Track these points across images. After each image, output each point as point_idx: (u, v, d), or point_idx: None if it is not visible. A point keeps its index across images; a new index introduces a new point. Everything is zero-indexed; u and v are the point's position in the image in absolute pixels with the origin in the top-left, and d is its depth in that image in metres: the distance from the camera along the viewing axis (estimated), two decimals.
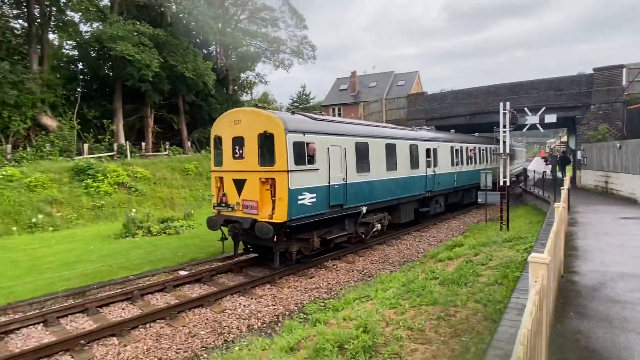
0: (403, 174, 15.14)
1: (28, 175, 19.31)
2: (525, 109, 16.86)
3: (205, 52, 38.26)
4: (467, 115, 26.54)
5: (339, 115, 49.02)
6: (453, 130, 25.21)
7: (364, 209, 12.67)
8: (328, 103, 52.44)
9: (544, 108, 17.02)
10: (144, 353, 7.02)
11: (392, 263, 12.83)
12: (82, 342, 7.09)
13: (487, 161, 25.22)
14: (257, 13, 40.40)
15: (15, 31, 27.66)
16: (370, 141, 13.21)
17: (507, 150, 14.96)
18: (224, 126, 11.51)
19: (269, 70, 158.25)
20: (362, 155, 12.74)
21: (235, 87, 43.78)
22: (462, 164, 21.21)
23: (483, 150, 24.92)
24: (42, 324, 7.99)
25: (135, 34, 26.23)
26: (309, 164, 10.42)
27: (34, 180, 19.02)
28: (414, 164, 16.15)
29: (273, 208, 10.09)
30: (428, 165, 17.19)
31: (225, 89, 39.87)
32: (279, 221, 9.85)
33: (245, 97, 46.37)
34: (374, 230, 13.97)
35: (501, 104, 14.80)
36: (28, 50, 26.51)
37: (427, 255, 13.04)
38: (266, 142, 10.27)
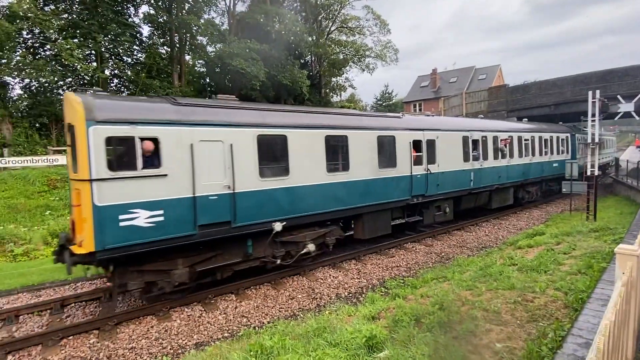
0: (363, 175, 10.12)
1: None
2: (618, 96, 14.30)
3: (302, 61, 39.42)
4: (551, 105, 23.40)
5: (420, 110, 46.86)
6: (521, 118, 21.31)
7: (278, 226, 8.30)
8: (409, 100, 50.46)
9: None
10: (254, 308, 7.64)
11: (469, 248, 12.02)
12: None
13: (552, 152, 19.13)
14: (345, 23, 40.35)
15: (162, 55, 31.51)
16: (292, 133, 8.68)
17: (596, 140, 12.87)
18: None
19: (356, 74, 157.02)
20: (272, 153, 8.54)
21: (327, 90, 44.44)
22: (484, 158, 14.56)
23: (546, 139, 18.70)
24: None
25: (247, 50, 28.11)
26: (145, 168, 6.62)
27: None
28: (387, 162, 10.86)
29: (81, 232, 6.36)
30: (417, 163, 11.80)
31: (318, 93, 40.74)
32: (84, 252, 6.20)
33: (335, 99, 46.82)
34: (306, 252, 9.23)
35: (590, 93, 12.76)
36: (171, 69, 30.10)
37: (505, 242, 11.94)
38: (73, 139, 6.58)
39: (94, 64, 25.26)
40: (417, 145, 11.85)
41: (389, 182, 10.86)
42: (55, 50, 21.79)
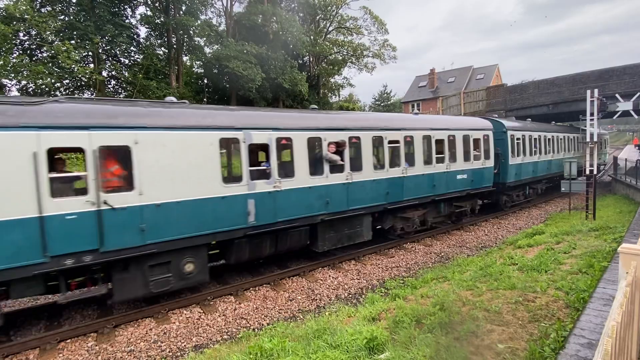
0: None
1: None
2: (617, 95, 14.32)
3: (300, 62, 39.40)
4: (549, 104, 23.45)
5: (419, 110, 46.90)
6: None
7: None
8: (407, 100, 50.50)
9: (639, 93, 14.27)
10: (254, 310, 7.59)
11: (469, 248, 11.99)
12: None
13: (452, 158, 12.65)
14: (343, 23, 40.39)
15: (159, 56, 31.39)
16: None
17: (595, 138, 12.87)
18: None
19: (354, 74, 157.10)
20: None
21: (325, 90, 44.43)
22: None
23: (440, 139, 12.43)
24: None
25: (245, 52, 28.06)
26: None
27: None
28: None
29: None
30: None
31: (316, 93, 40.71)
32: None
33: (333, 99, 46.80)
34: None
35: (588, 92, 12.76)
36: (168, 70, 30.01)
37: (505, 241, 11.91)
38: None
39: (91, 65, 25.17)
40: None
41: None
42: (52, 52, 21.68)
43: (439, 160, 12.05)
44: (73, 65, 21.23)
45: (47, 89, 22.83)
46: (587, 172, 13.13)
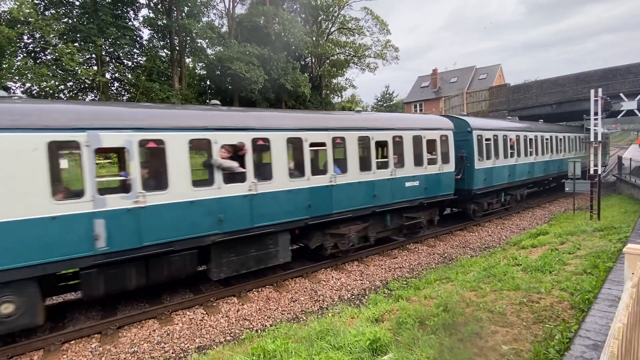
0: None
1: None
2: (621, 94, 14.23)
3: (303, 63, 39.45)
4: (553, 104, 23.35)
5: (420, 111, 46.84)
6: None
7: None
8: (410, 100, 50.44)
9: None
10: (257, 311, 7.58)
11: (472, 248, 11.94)
12: None
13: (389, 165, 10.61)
14: (345, 24, 40.44)
15: (162, 58, 31.56)
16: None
17: (599, 138, 12.80)
18: None
19: (356, 74, 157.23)
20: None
21: (328, 92, 44.46)
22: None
23: (380, 141, 10.67)
24: None
25: (247, 53, 28.15)
26: None
27: None
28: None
29: None
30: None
31: (319, 94, 40.75)
32: None
33: (336, 100, 46.84)
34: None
35: (592, 91, 12.69)
36: (171, 72, 30.15)
37: (509, 242, 11.85)
38: None
39: (95, 67, 25.32)
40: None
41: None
42: (56, 54, 21.83)
43: (381, 165, 10.32)
44: (76, 68, 21.37)
45: (50, 91, 23.00)
46: (592, 171, 13.05)
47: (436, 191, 11.79)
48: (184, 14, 29.01)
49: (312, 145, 8.84)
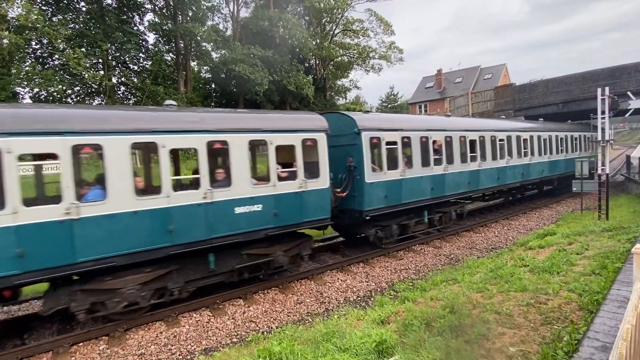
0: None
1: None
2: (629, 92, 14.06)
3: (307, 65, 39.55)
4: (559, 103, 23.15)
5: (425, 112, 46.71)
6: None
7: None
8: (415, 101, 50.34)
9: None
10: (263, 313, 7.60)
11: (479, 249, 11.86)
12: None
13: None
14: (349, 26, 40.50)
15: (167, 62, 31.81)
16: None
17: (606, 137, 12.67)
18: None
19: (360, 76, 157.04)
20: None
21: (332, 93, 44.50)
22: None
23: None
24: None
25: (251, 55, 28.30)
26: None
27: None
28: None
29: None
30: None
31: (323, 95, 40.80)
32: None
33: (340, 101, 46.86)
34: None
35: (599, 90, 12.58)
36: (176, 76, 30.39)
37: (516, 243, 11.76)
38: None
39: (101, 72, 25.59)
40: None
41: None
42: (63, 59, 22.12)
43: (187, 185, 7.76)
44: (83, 72, 21.62)
45: (58, 95, 23.29)
46: (600, 171, 12.92)
47: (296, 217, 8.50)
48: (188, 18, 29.25)
49: (35, 158, 6.49)
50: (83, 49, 23.07)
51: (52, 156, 5.86)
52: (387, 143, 10.49)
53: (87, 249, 6.01)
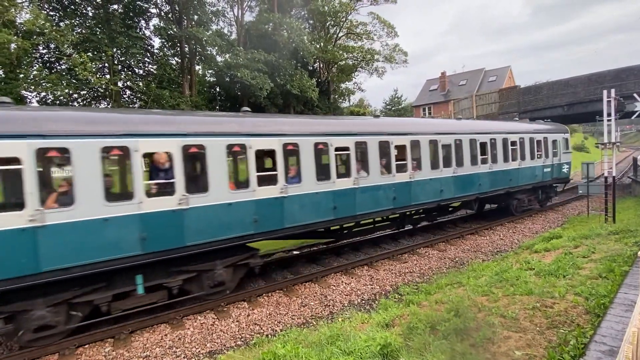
0: None
1: None
2: (635, 94, 13.95)
3: (311, 68, 39.70)
4: (564, 105, 23.04)
5: (429, 114, 46.64)
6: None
7: None
8: (419, 103, 50.29)
9: None
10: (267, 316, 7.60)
11: (484, 252, 11.79)
12: None
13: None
14: (353, 29, 40.67)
15: (173, 66, 32.05)
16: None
17: (613, 139, 12.56)
18: None
19: (364, 78, 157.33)
20: None
21: (336, 96, 44.60)
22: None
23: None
24: None
25: (255, 60, 28.47)
26: None
27: None
28: None
29: None
30: None
31: (327, 98, 40.91)
32: None
33: (344, 104, 46.91)
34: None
35: (605, 92, 12.50)
36: (181, 80, 30.63)
37: (521, 246, 11.68)
38: None
39: (107, 76, 25.85)
40: None
41: None
42: (70, 64, 22.37)
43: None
44: (89, 77, 21.85)
45: (64, 99, 23.54)
46: (606, 173, 12.83)
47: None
48: (193, 23, 29.51)
49: None
50: (89, 54, 23.34)
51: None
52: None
53: None
